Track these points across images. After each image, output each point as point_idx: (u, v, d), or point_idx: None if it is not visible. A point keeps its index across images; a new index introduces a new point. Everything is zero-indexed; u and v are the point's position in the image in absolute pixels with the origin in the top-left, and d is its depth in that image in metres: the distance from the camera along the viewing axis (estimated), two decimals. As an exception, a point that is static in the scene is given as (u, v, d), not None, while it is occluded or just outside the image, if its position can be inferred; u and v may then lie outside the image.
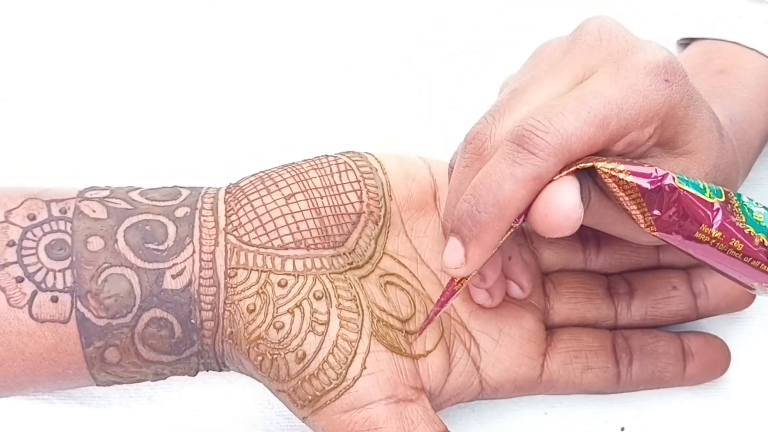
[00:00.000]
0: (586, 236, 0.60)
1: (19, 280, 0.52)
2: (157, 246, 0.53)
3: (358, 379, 0.52)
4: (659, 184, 0.47)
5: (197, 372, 0.55)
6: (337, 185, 0.56)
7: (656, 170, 0.47)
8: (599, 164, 0.47)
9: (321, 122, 0.67)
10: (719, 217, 0.47)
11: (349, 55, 0.69)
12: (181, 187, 0.56)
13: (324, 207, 0.55)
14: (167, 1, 0.69)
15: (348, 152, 0.58)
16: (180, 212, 0.54)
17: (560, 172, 0.48)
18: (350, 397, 0.52)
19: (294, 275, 0.53)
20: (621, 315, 0.60)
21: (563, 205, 0.47)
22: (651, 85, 0.49)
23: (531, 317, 0.58)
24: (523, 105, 0.50)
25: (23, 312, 0.52)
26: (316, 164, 0.56)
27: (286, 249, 0.54)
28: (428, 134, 0.64)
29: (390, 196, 0.57)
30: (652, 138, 0.50)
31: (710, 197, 0.48)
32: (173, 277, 0.53)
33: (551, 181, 0.48)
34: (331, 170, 0.56)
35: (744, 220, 0.48)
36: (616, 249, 0.61)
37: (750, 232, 0.48)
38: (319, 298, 0.53)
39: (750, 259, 0.48)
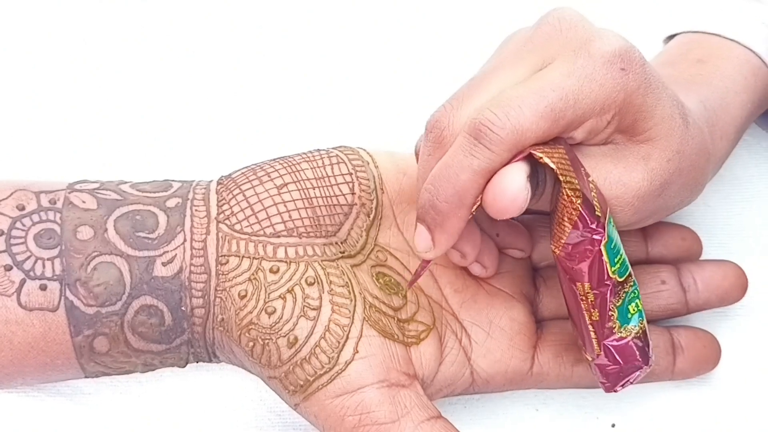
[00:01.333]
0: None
1: (8, 268, 0.52)
2: (148, 234, 0.53)
3: (350, 363, 0.52)
4: (590, 236, 0.50)
5: (187, 363, 0.55)
6: (329, 177, 0.56)
7: (600, 224, 0.49)
8: (562, 177, 0.49)
9: (318, 123, 0.68)
10: (609, 289, 0.51)
11: (347, 55, 0.70)
12: (173, 180, 0.56)
13: (316, 197, 0.55)
14: (162, -1, 0.70)
15: (340, 147, 0.58)
16: (171, 203, 0.54)
17: (518, 155, 0.50)
18: (342, 381, 0.51)
19: (286, 262, 0.53)
20: None
21: (509, 190, 0.49)
22: (607, 74, 0.50)
23: (521, 310, 0.58)
24: (482, 93, 0.51)
25: (11, 300, 0.52)
26: (309, 157, 0.57)
27: (278, 237, 0.54)
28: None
29: (382, 189, 0.57)
30: (610, 124, 0.51)
31: (613, 273, 0.51)
32: (164, 264, 0.52)
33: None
34: (323, 162, 0.56)
35: (619, 304, 0.52)
36: (605, 244, 0.61)
37: (612, 314, 0.51)
38: (311, 284, 0.53)
39: (593, 330, 0.52)
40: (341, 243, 0.55)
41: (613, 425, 0.60)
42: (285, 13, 0.73)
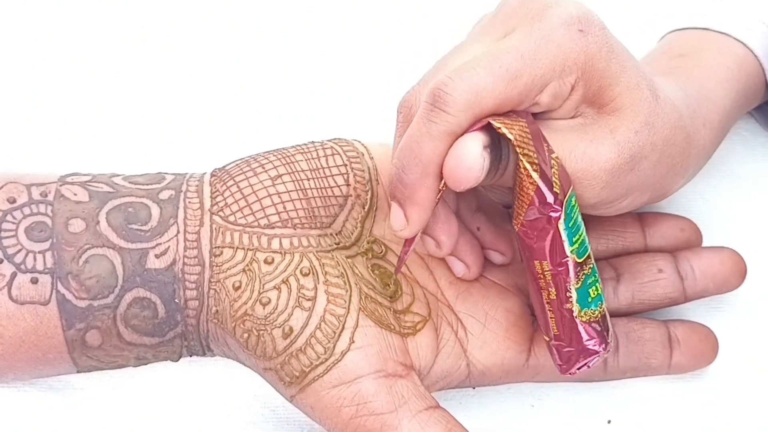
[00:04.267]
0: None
1: None
2: (141, 227, 0.53)
3: (346, 353, 0.51)
4: (547, 212, 0.49)
5: (180, 357, 0.54)
6: (323, 168, 0.56)
7: (557, 200, 0.49)
8: (520, 150, 0.48)
9: (318, 123, 0.68)
10: (567, 269, 0.50)
11: (347, 55, 0.70)
12: (166, 173, 0.56)
13: (311, 189, 0.55)
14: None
15: (335, 139, 0.58)
16: (164, 195, 0.54)
17: (477, 124, 0.49)
18: (338, 371, 0.51)
19: (281, 253, 0.53)
20: (607, 300, 0.59)
21: (465, 158, 0.48)
22: (565, 35, 0.50)
23: (517, 302, 0.58)
24: (446, 68, 0.51)
25: (2, 294, 0.51)
26: (303, 149, 0.57)
27: (273, 228, 0.53)
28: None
29: (377, 180, 0.57)
30: (575, 90, 0.51)
31: (572, 252, 0.50)
32: (157, 256, 0.52)
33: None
34: (317, 154, 0.56)
35: (578, 286, 0.51)
36: (601, 234, 0.61)
37: (570, 295, 0.51)
38: (306, 275, 0.52)
39: (550, 310, 0.51)
40: (336, 234, 0.55)
41: (609, 421, 0.59)
42: (285, 13, 0.73)
